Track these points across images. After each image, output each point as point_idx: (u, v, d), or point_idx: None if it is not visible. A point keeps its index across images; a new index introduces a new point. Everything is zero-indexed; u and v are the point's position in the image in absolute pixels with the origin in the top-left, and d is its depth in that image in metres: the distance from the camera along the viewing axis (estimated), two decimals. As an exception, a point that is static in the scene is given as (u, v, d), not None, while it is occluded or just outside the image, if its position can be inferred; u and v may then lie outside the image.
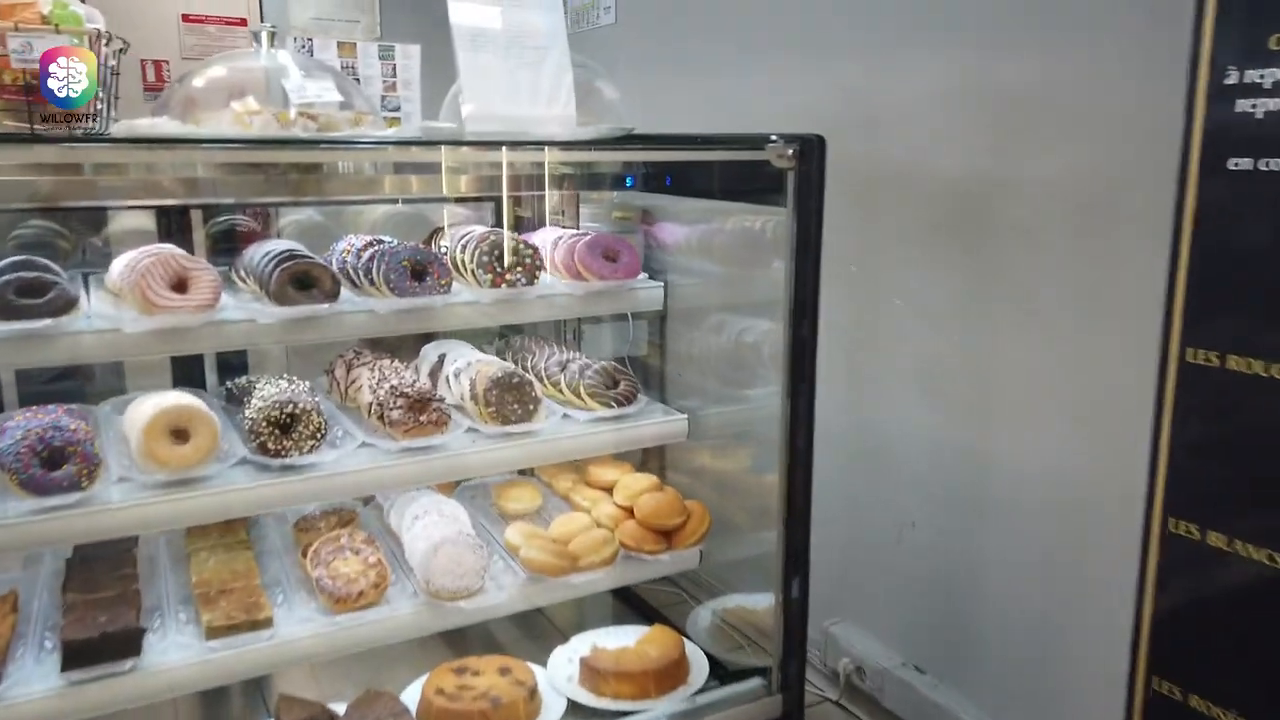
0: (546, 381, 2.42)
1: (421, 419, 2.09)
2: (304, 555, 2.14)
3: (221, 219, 2.72)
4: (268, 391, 2.11)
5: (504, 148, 2.00)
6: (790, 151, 1.87)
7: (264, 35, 1.98)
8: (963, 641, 2.64)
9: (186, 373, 2.48)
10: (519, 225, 2.74)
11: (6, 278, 1.78)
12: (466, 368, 2.34)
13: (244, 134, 1.82)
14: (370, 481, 2.01)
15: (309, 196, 2.64)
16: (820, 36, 2.85)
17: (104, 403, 2.27)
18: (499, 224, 2.73)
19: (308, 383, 2.25)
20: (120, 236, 2.89)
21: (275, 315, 1.92)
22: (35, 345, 1.76)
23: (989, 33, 2.33)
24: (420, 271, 2.08)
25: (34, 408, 2.05)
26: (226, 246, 2.62)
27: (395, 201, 2.93)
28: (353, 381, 2.34)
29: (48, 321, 1.73)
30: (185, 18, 5.25)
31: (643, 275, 2.32)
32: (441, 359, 2.46)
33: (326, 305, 1.94)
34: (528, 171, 2.54)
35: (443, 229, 2.56)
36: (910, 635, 2.84)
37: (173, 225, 2.54)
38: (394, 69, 2.47)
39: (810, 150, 1.87)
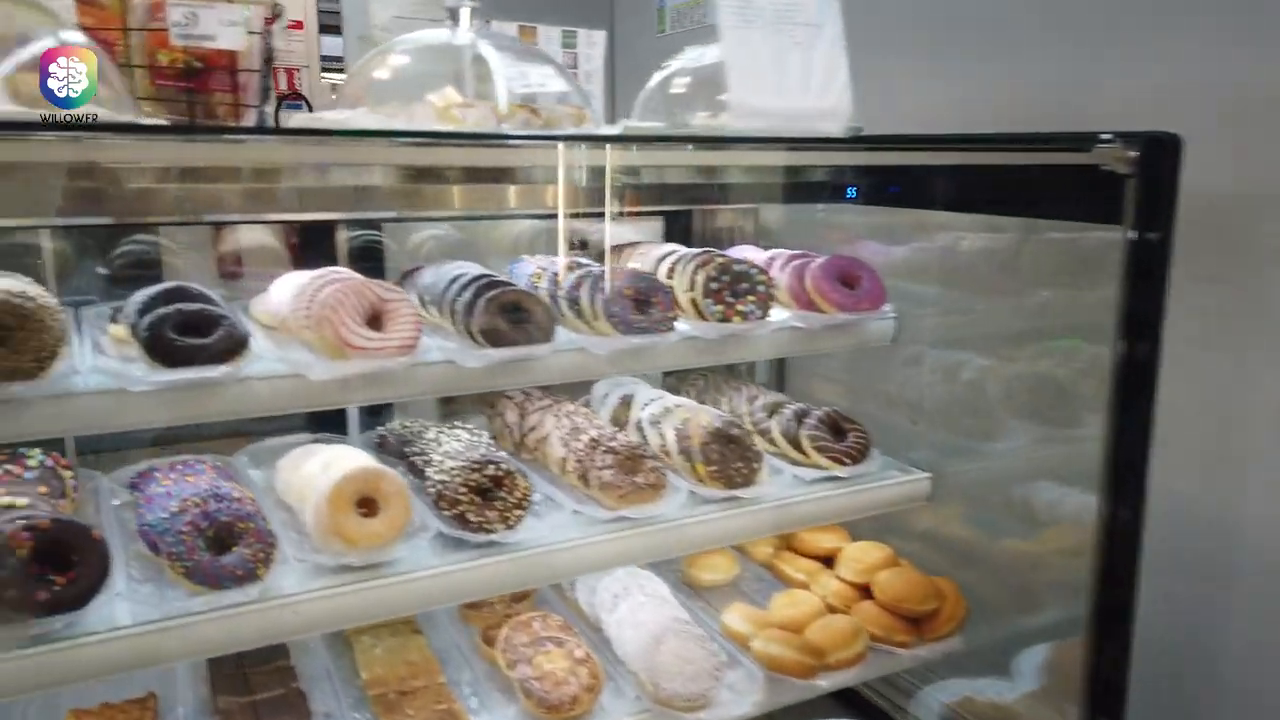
0: (753, 430, 2.03)
1: (636, 480, 1.71)
2: (488, 643, 1.77)
3: (357, 234, 2.36)
4: (451, 445, 1.75)
5: (780, 148, 1.63)
6: (1131, 154, 1.48)
7: (463, 12, 1.62)
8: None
9: (321, 411, 2.12)
10: (707, 242, 2.37)
11: (162, 311, 1.41)
12: (665, 414, 1.96)
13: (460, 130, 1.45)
14: (583, 561, 1.63)
15: (461, 209, 2.26)
16: (989, 29, 2.42)
17: (239, 453, 1.91)
18: (682, 240, 2.36)
19: (487, 433, 1.88)
20: (243, 255, 2.54)
21: (483, 358, 1.55)
22: (199, 398, 1.39)
23: (1240, 19, 1.91)
24: (644, 302, 1.71)
25: (178, 463, 1.69)
26: (366, 268, 2.26)
27: (540, 215, 2.57)
28: (531, 429, 1.96)
29: (224, 369, 1.36)
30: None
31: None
32: (626, 401, 2.08)
33: (547, 347, 1.56)
34: (731, 179, 2.18)
35: (625, 247, 2.18)
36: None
37: (314, 242, 2.19)
38: (575, 58, 2.11)
39: (1160, 152, 1.48)
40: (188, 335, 1.40)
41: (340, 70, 2.36)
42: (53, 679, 1.25)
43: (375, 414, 2.19)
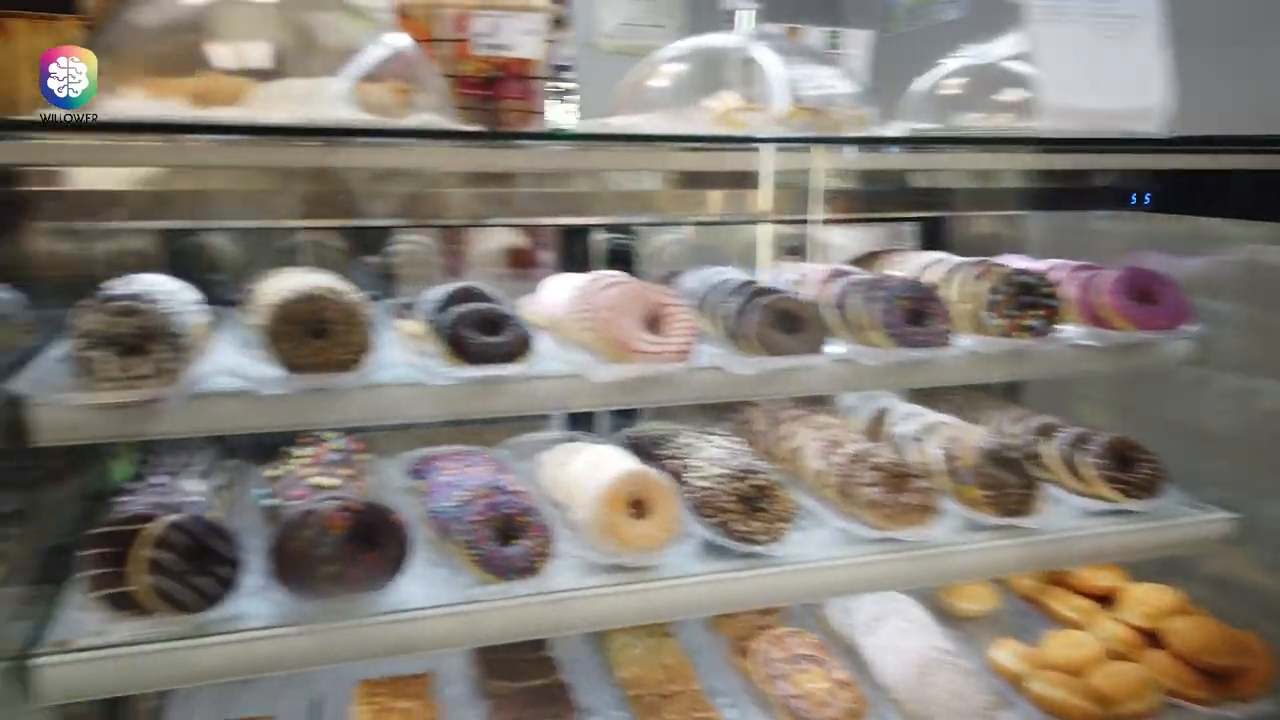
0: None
1: (904, 500, 1.63)
2: (740, 654, 1.74)
3: (608, 238, 2.40)
4: (710, 451, 1.73)
5: (1095, 149, 1.51)
6: None
7: (743, 15, 1.60)
8: None
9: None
10: (965, 251, 2.24)
11: (460, 310, 1.48)
12: (927, 431, 1.85)
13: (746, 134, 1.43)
14: (851, 581, 1.56)
15: (709, 214, 2.25)
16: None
17: (502, 445, 1.97)
18: (935, 248, 2.24)
19: (743, 440, 1.86)
20: (493, 256, 2.65)
21: (755, 366, 1.52)
22: (488, 393, 1.45)
23: None
24: (919, 313, 1.62)
25: (457, 453, 1.78)
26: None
27: (785, 220, 2.52)
28: (784, 438, 1.92)
29: (516, 367, 1.41)
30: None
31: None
32: (879, 414, 1.99)
33: (822, 359, 1.52)
34: (1003, 183, 2.05)
35: (879, 254, 2.10)
36: None
37: (571, 245, 2.26)
38: (836, 59, 2.05)
39: None
40: (481, 333, 1.46)
41: (560, 78, 2.43)
42: (359, 652, 1.34)
43: (622, 415, 2.22)
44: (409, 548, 1.39)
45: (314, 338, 1.34)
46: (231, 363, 1.40)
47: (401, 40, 1.27)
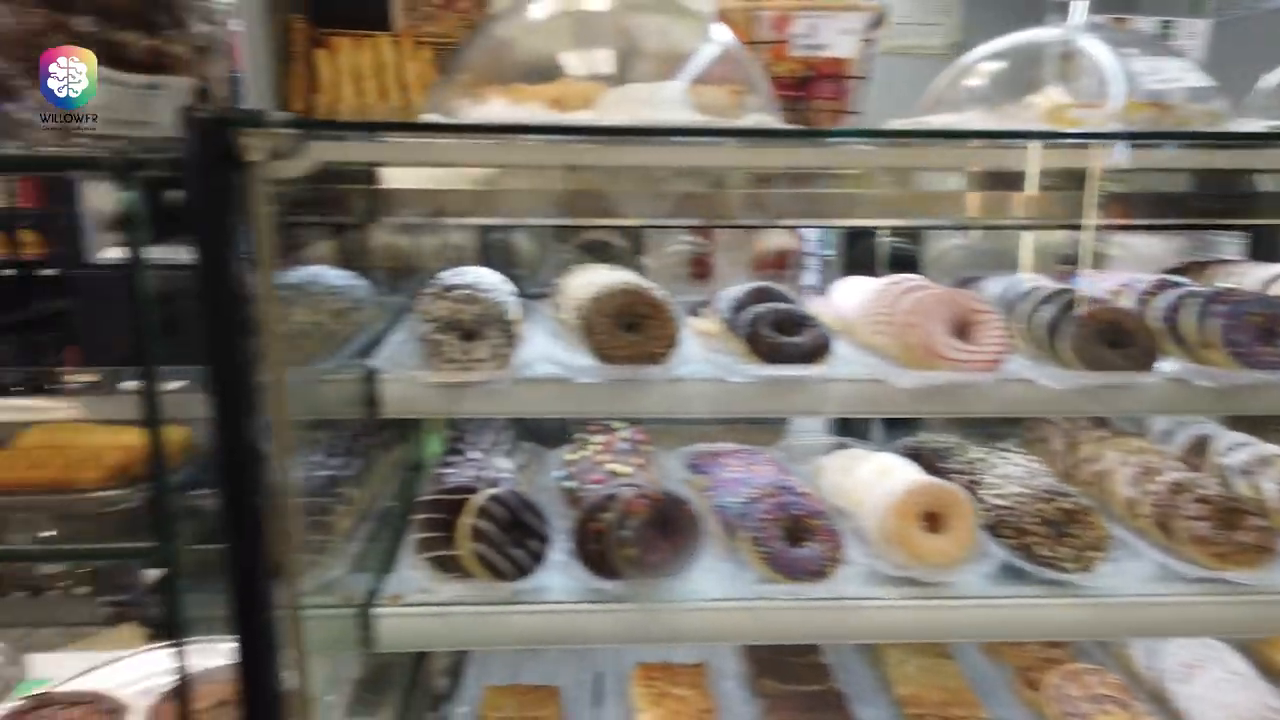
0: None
1: (1238, 538, 1.46)
2: (1029, 686, 1.63)
3: (891, 241, 2.34)
4: (1006, 469, 1.63)
5: None
6: None
7: (1077, 5, 1.49)
8: None
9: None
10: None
11: (759, 309, 1.49)
12: (1261, 464, 1.65)
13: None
14: (1173, 623, 1.42)
15: (1012, 216, 2.11)
16: None
17: (775, 446, 1.97)
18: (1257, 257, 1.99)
19: (1039, 459, 1.74)
20: (762, 257, 2.66)
21: (1073, 381, 1.42)
22: (784, 393, 1.45)
23: None
24: (1269, 331, 1.44)
25: (738, 451, 1.80)
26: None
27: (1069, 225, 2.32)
28: (1085, 460, 1.77)
29: (816, 369, 1.40)
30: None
31: None
32: (1199, 442, 1.80)
33: (1152, 377, 1.39)
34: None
35: (1206, 265, 1.89)
36: None
37: (853, 247, 2.22)
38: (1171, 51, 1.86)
39: None
40: (780, 333, 1.46)
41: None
42: (653, 634, 1.38)
43: (892, 425, 2.15)
44: (701, 539, 1.42)
45: (626, 330, 1.40)
46: (546, 351, 1.49)
47: (731, 41, 1.30)
